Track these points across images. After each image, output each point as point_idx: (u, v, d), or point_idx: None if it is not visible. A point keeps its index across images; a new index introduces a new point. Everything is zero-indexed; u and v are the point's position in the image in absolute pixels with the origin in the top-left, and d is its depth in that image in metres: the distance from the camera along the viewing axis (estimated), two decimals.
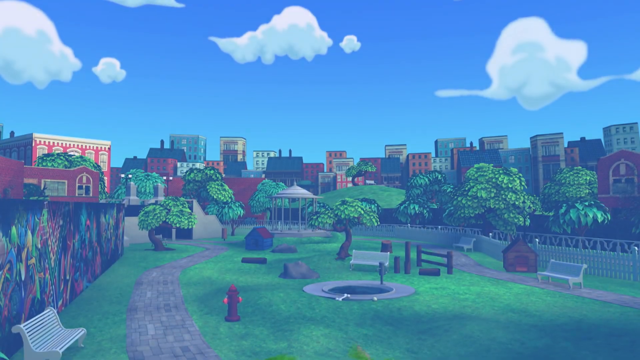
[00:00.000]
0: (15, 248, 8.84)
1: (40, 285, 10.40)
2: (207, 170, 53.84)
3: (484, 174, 29.49)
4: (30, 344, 7.84)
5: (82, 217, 15.09)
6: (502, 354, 8.91)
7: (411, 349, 9.30)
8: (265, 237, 29.28)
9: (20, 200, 9.13)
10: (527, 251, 19.74)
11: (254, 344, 9.55)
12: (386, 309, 12.66)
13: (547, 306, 13.00)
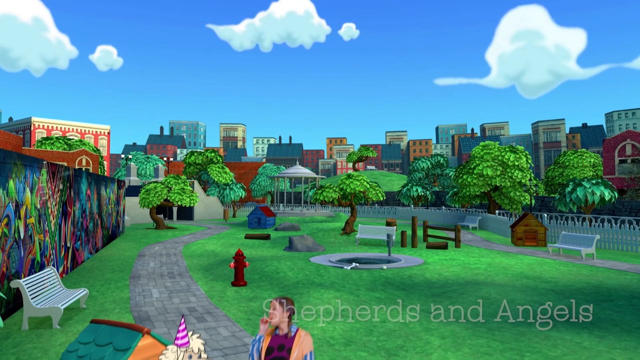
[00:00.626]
0: (13, 203, 8.43)
1: (40, 248, 10.02)
2: (207, 153, 53.33)
3: (489, 151, 29.04)
4: (30, 299, 7.46)
5: (83, 185, 14.67)
6: (522, 314, 8.55)
7: (427, 309, 8.94)
8: (268, 215, 28.92)
9: (17, 153, 8.70)
10: (537, 225, 19.37)
11: (263, 305, 9.20)
12: (396, 276, 12.31)
13: (561, 274, 12.66)
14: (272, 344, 3.82)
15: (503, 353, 6.35)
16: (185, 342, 3.55)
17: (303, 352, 3.77)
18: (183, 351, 3.52)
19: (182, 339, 3.56)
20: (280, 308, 3.79)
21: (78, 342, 4.53)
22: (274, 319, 3.77)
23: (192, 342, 3.56)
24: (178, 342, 3.54)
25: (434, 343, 6.78)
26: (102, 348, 4.21)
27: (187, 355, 3.52)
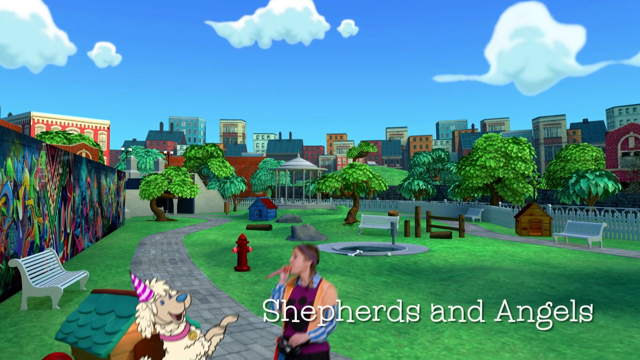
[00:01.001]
0: (11, 182, 8.22)
1: (39, 231, 9.81)
2: (207, 147, 53.06)
3: (492, 143, 28.82)
4: (29, 279, 7.26)
5: (83, 172, 14.45)
6: (533, 296, 8.36)
7: (435, 292, 8.75)
8: (270, 208, 28.71)
9: (16, 131, 8.48)
10: (541, 214, 19.17)
11: (268, 288, 9.00)
12: (402, 262, 12.11)
13: (569, 260, 12.47)
14: (293, 296, 3.52)
15: (517, 331, 6.16)
16: (149, 292, 3.34)
17: (326, 306, 3.44)
18: (152, 302, 3.34)
19: (144, 292, 3.36)
20: (301, 256, 3.48)
21: (78, 312, 4.32)
22: (294, 268, 3.52)
23: (155, 289, 3.37)
24: (142, 297, 3.35)
25: (445, 322, 6.58)
26: (103, 316, 4.00)
27: (158, 303, 3.32)
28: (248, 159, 72.00)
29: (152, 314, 3.32)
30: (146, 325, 3.32)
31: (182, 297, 3.35)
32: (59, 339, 4.20)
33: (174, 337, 3.37)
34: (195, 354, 3.38)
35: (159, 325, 3.37)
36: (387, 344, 5.64)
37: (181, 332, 3.39)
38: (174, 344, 3.37)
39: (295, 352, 3.36)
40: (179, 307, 3.34)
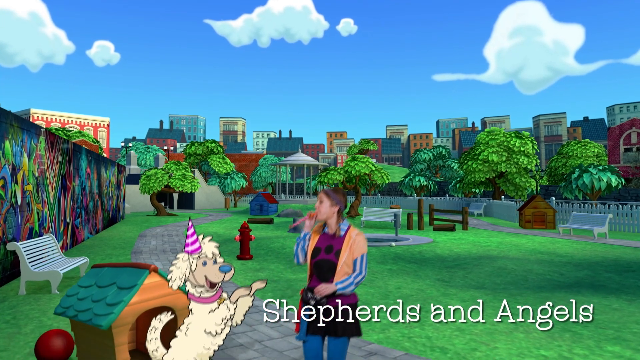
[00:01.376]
0: (9, 166, 8.04)
1: (38, 218, 9.64)
2: (208, 143, 52.86)
3: (495, 137, 28.64)
4: (27, 263, 7.08)
5: (83, 162, 14.27)
6: (542, 283, 8.19)
7: (442, 279, 8.58)
8: (271, 202, 28.53)
9: (14, 114, 8.30)
10: (546, 207, 19.00)
11: (271, 275, 8.83)
12: (406, 252, 11.94)
13: (576, 250, 12.30)
14: (319, 244, 3.26)
15: (530, 314, 5.98)
16: (197, 247, 3.11)
17: (353, 255, 3.19)
18: (195, 258, 3.11)
19: (193, 244, 3.12)
20: (327, 201, 3.22)
21: (78, 286, 4.15)
22: (320, 214, 3.25)
23: (204, 247, 3.14)
24: (188, 248, 3.12)
25: (455, 305, 6.40)
26: (104, 289, 3.83)
27: (200, 262, 3.09)
28: (248, 156, 71.81)
29: (189, 269, 3.11)
30: (177, 277, 3.10)
31: (226, 269, 3.09)
32: (58, 313, 4.03)
33: (202, 299, 3.15)
34: (221, 318, 3.16)
35: (189, 283, 3.16)
36: (397, 325, 5.47)
37: (211, 297, 3.17)
38: (200, 306, 3.16)
39: (321, 304, 3.16)
40: (218, 276, 3.09)
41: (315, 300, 3.11)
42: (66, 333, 4.28)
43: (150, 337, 3.31)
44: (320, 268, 3.19)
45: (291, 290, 7.45)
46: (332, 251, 3.18)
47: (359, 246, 3.19)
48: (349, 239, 3.20)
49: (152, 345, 3.32)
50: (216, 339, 3.18)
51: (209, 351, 3.20)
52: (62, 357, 4.16)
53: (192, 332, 3.16)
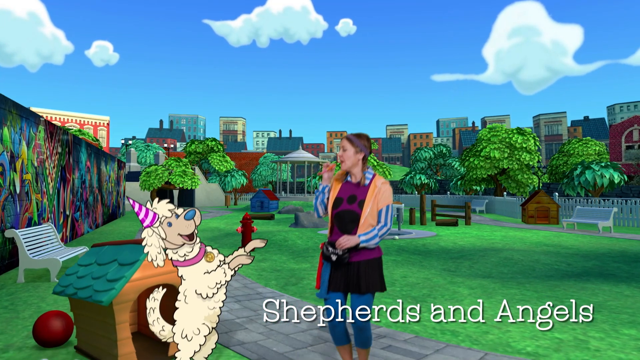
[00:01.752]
0: (8, 153, 7.90)
1: (37, 208, 9.49)
2: (208, 142, 52.70)
3: (497, 133, 28.50)
4: (26, 250, 6.94)
5: (83, 155, 14.13)
6: (550, 272, 8.05)
7: (448, 268, 8.44)
8: (271, 199, 28.39)
9: (13, 101, 8.16)
10: (549, 202, 18.85)
11: (274, 265, 8.69)
12: (410, 245, 11.80)
13: (581, 243, 12.16)
14: (341, 194, 3.07)
15: (540, 300, 5.84)
16: (152, 217, 2.96)
17: (378, 205, 2.99)
18: (158, 226, 2.97)
19: (147, 217, 2.97)
20: (351, 148, 3.02)
21: (78, 265, 4.01)
22: (344, 164, 3.03)
23: (158, 211, 3.00)
24: (146, 222, 2.96)
25: (463, 292, 6.27)
26: (105, 266, 3.69)
27: (165, 225, 2.95)
28: (248, 155, 71.65)
29: (161, 238, 2.98)
30: (156, 253, 2.97)
31: (191, 214, 2.97)
32: (57, 292, 3.89)
33: (189, 261, 3.02)
34: (215, 282, 3.02)
35: (170, 251, 3.03)
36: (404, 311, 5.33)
37: (196, 255, 3.04)
38: (190, 269, 3.02)
39: (343, 259, 2.96)
40: (189, 226, 2.97)
41: (337, 255, 2.94)
42: (65, 314, 4.14)
43: (152, 318, 3.16)
44: (342, 219, 3.02)
45: (295, 278, 7.31)
46: (356, 201, 3.00)
47: (384, 196, 3.00)
48: (375, 188, 3.00)
49: (156, 326, 3.18)
50: (217, 296, 3.06)
51: (215, 310, 3.07)
52: (61, 339, 4.02)
53: (190, 297, 3.02)
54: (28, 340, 4.24)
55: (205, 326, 3.10)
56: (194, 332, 3.10)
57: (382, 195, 3.00)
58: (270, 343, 4.13)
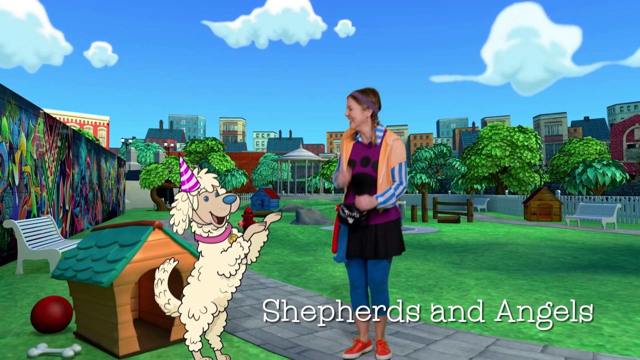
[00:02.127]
0: (6, 144, 7.80)
1: (36, 201, 9.39)
2: (208, 141, 52.57)
3: (498, 132, 28.40)
4: (24, 241, 6.83)
5: (82, 150, 14.03)
6: (556, 265, 7.94)
7: (452, 261, 8.33)
8: (272, 197, 28.29)
9: (12, 91, 8.06)
10: (552, 199, 18.74)
11: (277, 258, 8.58)
12: (413, 240, 11.70)
13: (585, 238, 12.05)
14: (354, 156, 2.96)
15: (549, 289, 5.74)
16: (194, 183, 2.82)
17: (391, 163, 2.89)
18: (195, 195, 2.84)
19: (189, 181, 2.84)
20: (357, 106, 2.89)
21: (77, 249, 3.90)
22: (353, 122, 2.92)
23: (202, 181, 2.87)
24: (185, 186, 2.81)
25: (469, 282, 6.16)
26: (105, 248, 3.58)
27: (202, 198, 2.81)
28: (249, 155, 71.54)
29: (192, 208, 2.84)
30: (180, 219, 2.83)
31: (231, 199, 2.80)
32: (55, 275, 3.78)
33: (212, 239, 2.88)
34: (234, 258, 2.89)
35: (195, 224, 2.89)
36: (412, 300, 5.22)
37: (220, 235, 2.91)
38: (210, 246, 2.89)
39: (361, 221, 2.87)
40: (223, 209, 2.81)
41: (354, 218, 2.85)
42: (64, 299, 4.03)
43: (158, 290, 3.04)
44: (357, 183, 2.93)
45: (298, 269, 7.20)
46: (369, 164, 2.90)
47: (396, 153, 2.90)
48: (386, 145, 2.90)
49: (162, 298, 3.06)
50: (232, 280, 2.92)
51: (226, 294, 2.94)
52: (60, 324, 3.91)
53: (205, 276, 2.89)
54: (26, 327, 4.13)
55: (214, 305, 2.99)
56: (201, 311, 2.98)
57: (394, 152, 2.90)
58: (275, 329, 4.02)
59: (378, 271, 3.02)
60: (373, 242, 2.91)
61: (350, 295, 3.21)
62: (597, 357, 3.36)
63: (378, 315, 3.17)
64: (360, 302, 3.16)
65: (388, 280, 3.20)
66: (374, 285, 3.09)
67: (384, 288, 3.11)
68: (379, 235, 2.92)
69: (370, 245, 2.91)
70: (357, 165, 2.93)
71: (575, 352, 3.50)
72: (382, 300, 3.12)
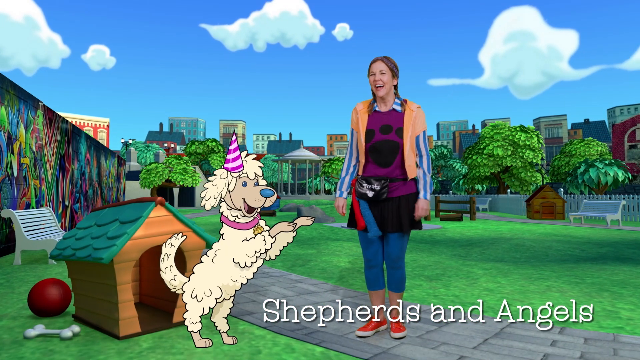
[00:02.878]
0: (5, 134, 7.67)
1: (35, 194, 9.25)
2: (208, 142, 52.47)
3: (500, 131, 28.30)
4: (23, 231, 6.69)
5: (82, 146, 13.90)
6: (564, 257, 7.80)
7: (458, 254, 8.19)
8: None
9: (10, 80, 7.93)
10: (555, 197, 18.61)
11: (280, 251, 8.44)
12: (416, 235, 11.56)
13: (590, 234, 11.92)
14: (371, 125, 2.84)
15: (560, 278, 5.60)
16: (239, 164, 2.66)
17: (416, 132, 2.81)
18: (235, 177, 2.67)
19: (234, 161, 2.67)
20: (389, 71, 2.76)
21: (76, 229, 3.77)
22: (382, 89, 2.77)
23: (247, 165, 2.72)
24: (229, 165, 2.66)
25: (477, 272, 6.03)
26: (105, 226, 3.45)
27: (240, 182, 2.67)
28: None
29: (227, 189, 2.70)
30: (212, 195, 2.68)
31: (268, 193, 2.67)
32: (54, 255, 3.65)
33: (237, 224, 2.73)
34: (254, 250, 2.74)
35: (224, 204, 2.73)
36: (420, 287, 5.09)
37: (247, 223, 2.76)
38: (233, 231, 2.74)
39: (381, 194, 2.77)
40: (258, 200, 2.68)
41: (373, 191, 2.74)
42: (62, 282, 3.89)
43: (164, 265, 2.91)
44: (379, 152, 2.81)
45: (301, 260, 7.08)
46: (392, 130, 2.78)
47: (420, 120, 2.82)
48: (411, 112, 2.80)
49: (167, 274, 2.92)
50: (245, 271, 2.78)
51: (236, 284, 2.80)
52: (58, 307, 3.77)
53: (220, 259, 2.75)
54: (23, 311, 3.99)
55: (219, 290, 2.86)
56: (205, 294, 2.85)
57: (419, 120, 2.84)
58: (281, 314, 3.88)
59: (396, 246, 2.93)
60: (397, 214, 2.82)
61: (366, 274, 3.12)
62: (618, 338, 3.22)
63: (393, 292, 3.08)
64: (377, 280, 3.08)
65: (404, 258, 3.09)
66: (391, 261, 2.99)
67: (401, 264, 3.01)
68: (402, 208, 2.83)
69: (394, 218, 2.82)
70: (376, 134, 2.83)
71: (595, 333, 3.36)
72: (399, 276, 3.03)
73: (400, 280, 3.03)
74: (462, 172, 53.81)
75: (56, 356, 2.85)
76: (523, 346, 3.02)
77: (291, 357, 2.82)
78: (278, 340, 3.19)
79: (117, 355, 2.85)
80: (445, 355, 2.83)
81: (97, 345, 3.06)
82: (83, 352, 2.93)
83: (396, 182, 2.82)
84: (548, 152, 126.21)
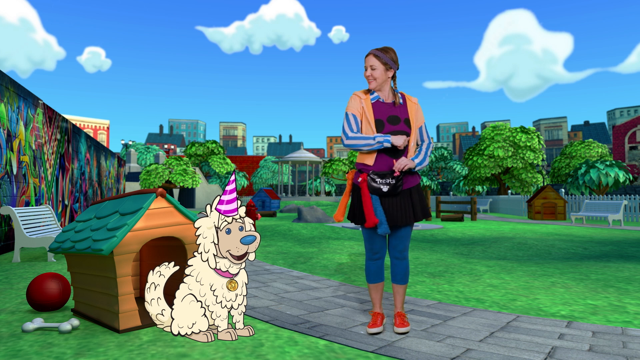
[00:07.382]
0: (4, 131, 7.63)
1: (35, 193, 9.20)
2: (208, 144, 52.41)
3: (500, 132, 28.25)
4: (22, 228, 6.64)
5: (82, 145, 13.86)
6: (567, 255, 7.75)
7: (460, 252, 8.14)
8: (273, 198, 28.09)
9: (10, 77, 7.89)
10: (556, 197, 18.55)
11: (281, 249, 8.39)
12: (418, 234, 11.51)
13: (593, 234, 11.86)
14: (379, 115, 2.80)
15: (564, 274, 5.55)
16: (232, 208, 2.57)
17: (418, 123, 2.87)
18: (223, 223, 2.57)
19: (229, 204, 2.56)
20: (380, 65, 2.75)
21: (76, 222, 3.72)
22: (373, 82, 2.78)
23: (241, 210, 2.64)
24: (222, 206, 2.56)
25: (481, 269, 5.97)
26: (105, 218, 3.40)
27: (224, 231, 2.57)
28: (249, 158, 71.35)
29: (214, 240, 2.59)
30: (209, 244, 2.59)
31: (249, 240, 2.54)
32: (53, 248, 3.59)
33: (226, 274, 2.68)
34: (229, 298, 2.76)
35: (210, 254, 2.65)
36: (423, 283, 5.03)
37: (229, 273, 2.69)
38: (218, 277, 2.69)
39: (397, 187, 2.73)
40: (239, 249, 2.57)
41: (389, 185, 2.70)
42: (61, 276, 3.84)
43: (151, 296, 2.81)
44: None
45: (303, 258, 7.01)
46: (400, 121, 2.78)
47: (421, 114, 2.91)
48: (413, 105, 2.86)
49: (154, 307, 2.83)
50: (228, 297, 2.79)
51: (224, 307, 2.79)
52: (57, 302, 3.71)
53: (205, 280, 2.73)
54: (22, 306, 3.94)
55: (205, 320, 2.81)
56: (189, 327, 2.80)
57: (420, 113, 2.92)
58: (284, 308, 3.83)
59: (405, 237, 2.96)
60: (411, 206, 2.80)
61: (369, 267, 3.05)
62: (626, 332, 3.17)
63: (399, 284, 3.05)
64: (380, 272, 3.06)
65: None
66: (398, 251, 2.98)
67: (406, 255, 3.01)
68: (415, 199, 2.84)
69: (408, 209, 2.79)
70: (385, 125, 2.79)
71: (603, 327, 3.30)
72: (404, 267, 3.03)
73: (405, 271, 3.03)
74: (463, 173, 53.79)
75: (55, 349, 2.79)
76: (530, 339, 2.97)
77: (294, 349, 2.77)
78: (281, 333, 3.13)
79: (117, 348, 2.80)
80: (451, 348, 2.78)
81: (96, 338, 3.00)
82: (82, 345, 2.87)
83: (406, 175, 2.82)
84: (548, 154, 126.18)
